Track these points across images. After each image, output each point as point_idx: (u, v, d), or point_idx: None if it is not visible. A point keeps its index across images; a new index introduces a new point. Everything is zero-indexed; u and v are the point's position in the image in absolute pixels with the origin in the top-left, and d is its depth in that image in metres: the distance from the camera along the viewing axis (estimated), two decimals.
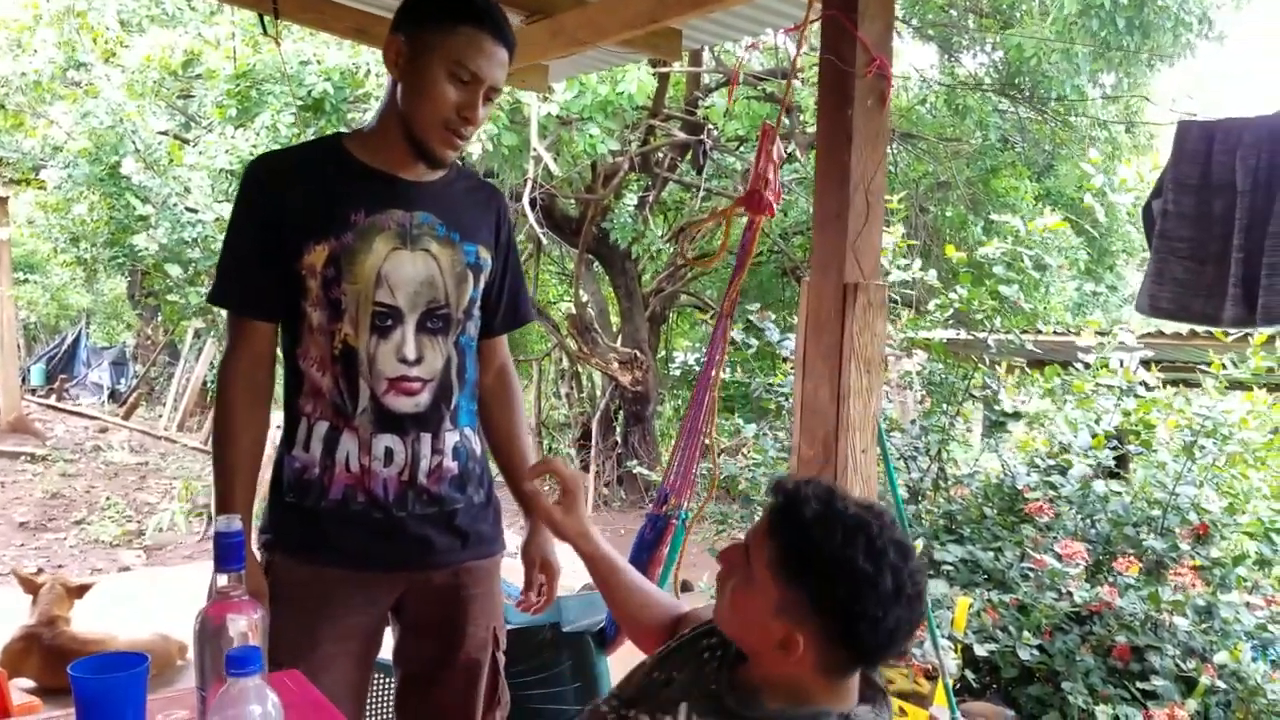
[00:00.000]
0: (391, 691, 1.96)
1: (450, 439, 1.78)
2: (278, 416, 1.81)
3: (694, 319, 13.21)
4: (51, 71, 7.34)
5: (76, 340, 16.20)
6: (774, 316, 4.47)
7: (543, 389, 11.83)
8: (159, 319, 14.10)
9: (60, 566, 6.21)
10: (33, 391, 13.92)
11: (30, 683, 3.52)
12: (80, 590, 3.81)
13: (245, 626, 1.19)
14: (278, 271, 1.69)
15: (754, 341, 4.53)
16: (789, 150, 9.13)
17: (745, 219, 2.42)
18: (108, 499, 8.07)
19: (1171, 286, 2.22)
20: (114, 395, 14.93)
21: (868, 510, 1.25)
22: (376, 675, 1.98)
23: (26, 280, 14.51)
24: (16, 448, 9.50)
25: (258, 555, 1.75)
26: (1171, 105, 10.76)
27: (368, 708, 2.23)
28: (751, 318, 4.46)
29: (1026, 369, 4.66)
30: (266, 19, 4.00)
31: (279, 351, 1.79)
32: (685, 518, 2.29)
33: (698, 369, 5.04)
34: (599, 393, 10.99)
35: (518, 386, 2.00)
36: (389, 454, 1.72)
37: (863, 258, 2.64)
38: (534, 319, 2.71)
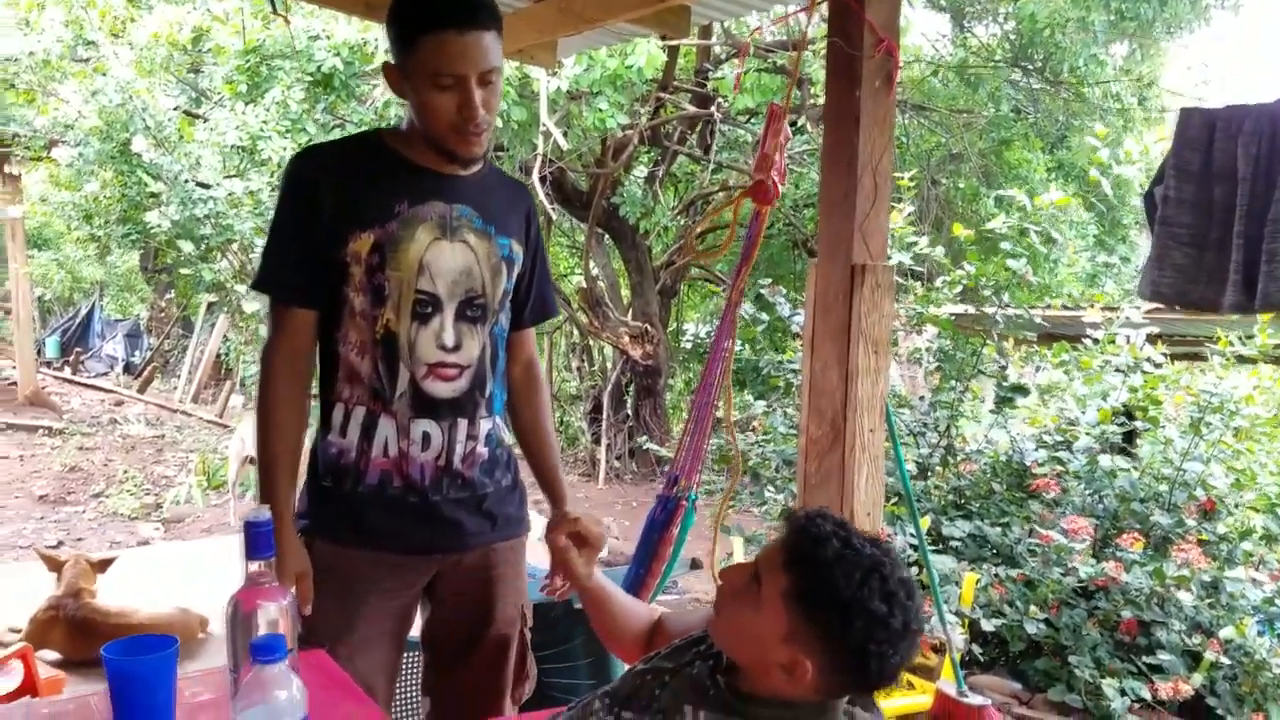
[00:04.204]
0: (418, 669, 2.01)
1: (484, 425, 1.83)
2: None
3: (705, 292, 13.21)
4: (60, 50, 7.34)
5: (90, 313, 16.30)
6: (785, 291, 4.48)
7: (554, 362, 11.86)
8: (172, 293, 14.17)
9: (80, 540, 6.30)
10: (48, 364, 14.04)
11: (56, 655, 3.59)
12: (103, 565, 3.88)
13: (275, 613, 1.24)
14: (319, 259, 1.73)
15: (765, 317, 4.55)
16: (800, 123, 9.10)
17: (753, 209, 2.44)
18: (125, 472, 8.16)
19: (1172, 272, 2.24)
20: (128, 368, 15.04)
21: (879, 549, 1.30)
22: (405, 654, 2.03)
23: (37, 255, 14.59)
24: (34, 421, 9.62)
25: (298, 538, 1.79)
26: (1187, 70, 10.67)
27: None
28: (762, 291, 4.47)
29: (1035, 345, 4.68)
30: None
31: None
32: (694, 499, 2.33)
33: (709, 342, 5.07)
34: (610, 366, 11.01)
35: (543, 378, 2.06)
36: (426, 439, 1.77)
37: (870, 239, 2.66)
38: (557, 313, 2.76)
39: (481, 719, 1.86)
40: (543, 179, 7.89)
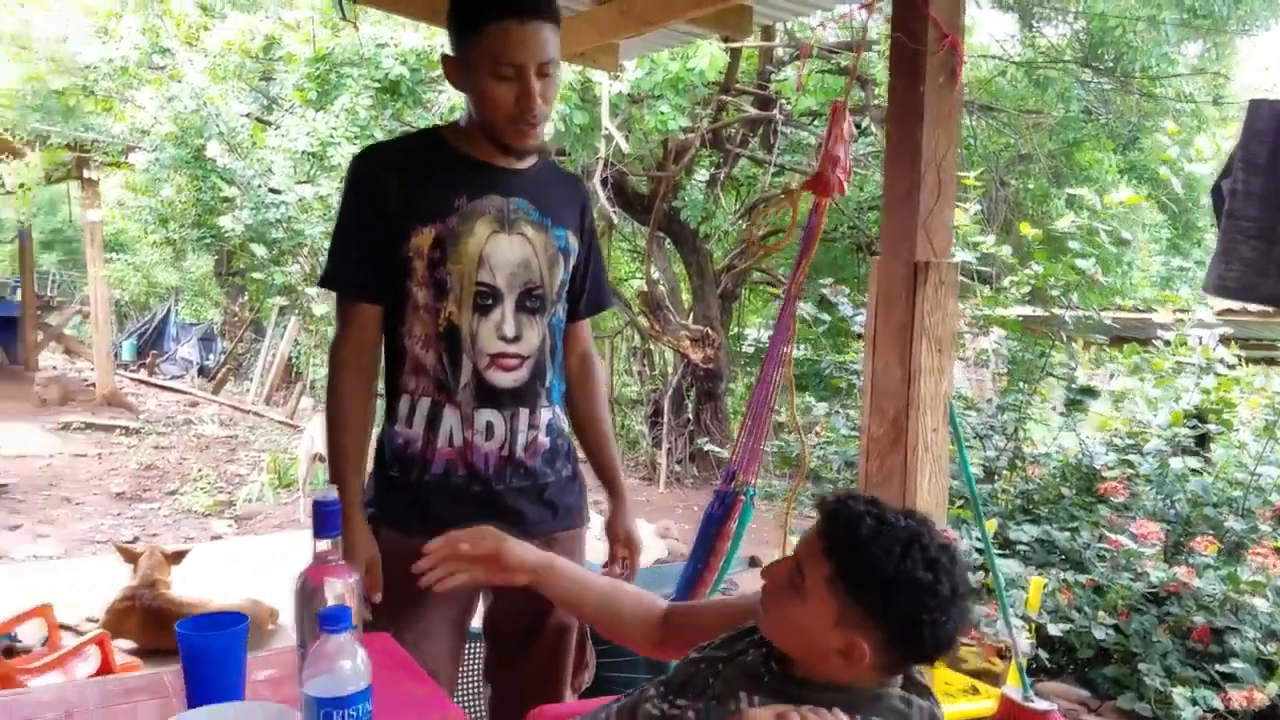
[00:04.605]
0: (480, 658, 2.04)
1: (545, 415, 1.87)
2: None
3: (767, 296, 13.15)
4: (137, 57, 7.56)
5: (165, 317, 16.74)
6: (847, 291, 4.45)
7: (615, 366, 11.90)
8: (245, 296, 14.49)
9: (155, 535, 6.47)
10: (124, 367, 14.43)
11: (131, 643, 3.70)
12: (178, 556, 3.99)
13: (341, 589, 1.27)
14: (384, 255, 1.77)
15: (826, 317, 4.52)
16: (864, 124, 9.03)
17: (812, 201, 2.43)
18: (199, 470, 8.36)
19: (1240, 266, 2.18)
20: (202, 370, 15.42)
21: (915, 519, 1.31)
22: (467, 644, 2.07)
23: (117, 259, 15.02)
24: (112, 420, 9.91)
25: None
26: (1265, 70, 10.40)
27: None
28: (824, 292, 4.45)
29: (1105, 348, 4.59)
30: (344, 2, 4.10)
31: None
32: (752, 494, 2.33)
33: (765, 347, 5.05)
34: (670, 370, 11.01)
35: (600, 370, 2.08)
36: (489, 428, 1.80)
37: (934, 236, 2.64)
38: (613, 305, 2.79)
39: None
40: (603, 182, 7.93)
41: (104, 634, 2.96)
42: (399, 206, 1.75)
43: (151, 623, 3.69)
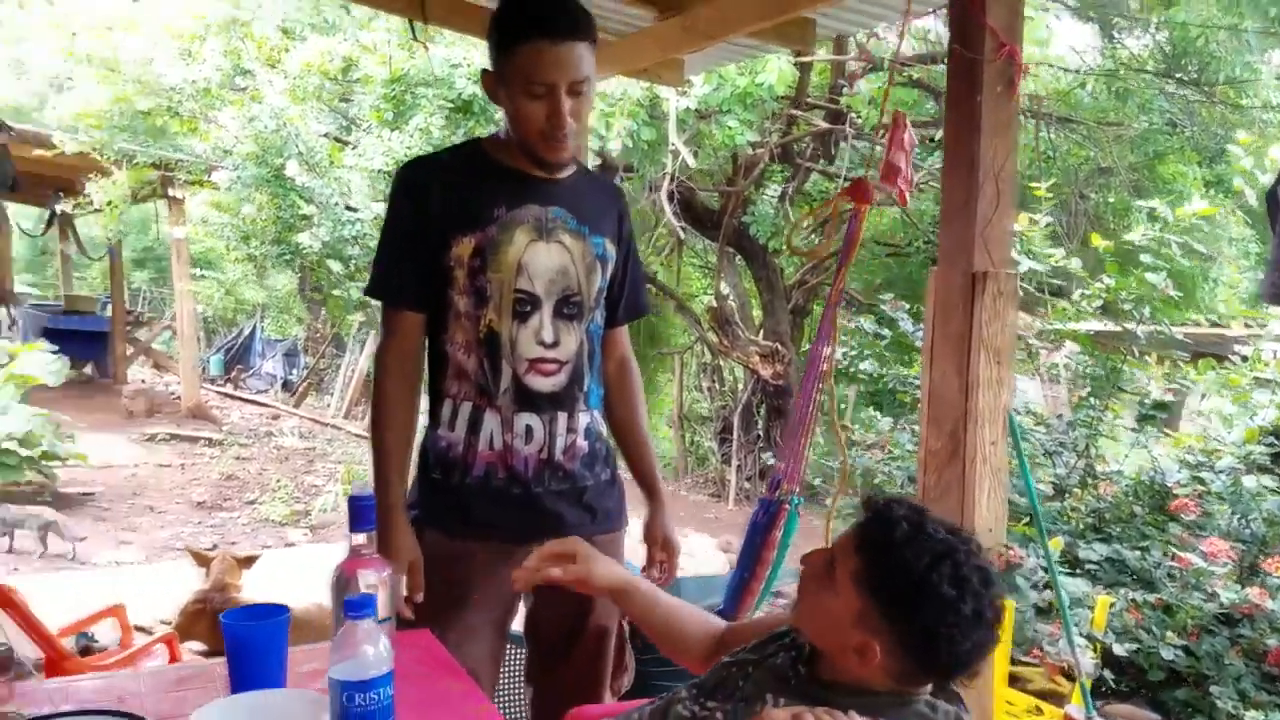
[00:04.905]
0: (520, 661, 2.08)
1: (583, 419, 1.91)
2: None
3: (840, 312, 13.03)
4: (219, 79, 7.83)
5: (252, 333, 17.22)
6: (908, 306, 4.41)
7: (684, 382, 11.91)
8: (325, 312, 14.85)
9: (232, 543, 6.65)
10: (212, 381, 14.87)
11: (201, 645, 3.81)
12: (248, 561, 4.11)
13: (374, 580, 1.32)
14: (427, 264, 1.83)
15: (887, 332, 4.48)
16: (936, 137, 8.93)
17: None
18: (278, 481, 8.57)
19: None
20: (286, 385, 15.81)
21: (955, 535, 1.31)
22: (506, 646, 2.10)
23: (205, 276, 15.53)
24: (195, 432, 10.21)
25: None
26: None
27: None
28: (884, 307, 4.41)
29: (1180, 364, 4.47)
30: (416, 24, 4.21)
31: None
32: (797, 503, 2.33)
33: (841, 362, 5.03)
34: (740, 386, 10.99)
35: (638, 375, 2.11)
36: (529, 432, 1.85)
37: (993, 246, 2.61)
38: (650, 311, 2.82)
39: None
40: (670, 196, 7.97)
41: (172, 634, 3.06)
42: (441, 217, 1.81)
43: (221, 626, 3.78)
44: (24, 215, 12.30)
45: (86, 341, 12.69)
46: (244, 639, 1.37)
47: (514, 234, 1.81)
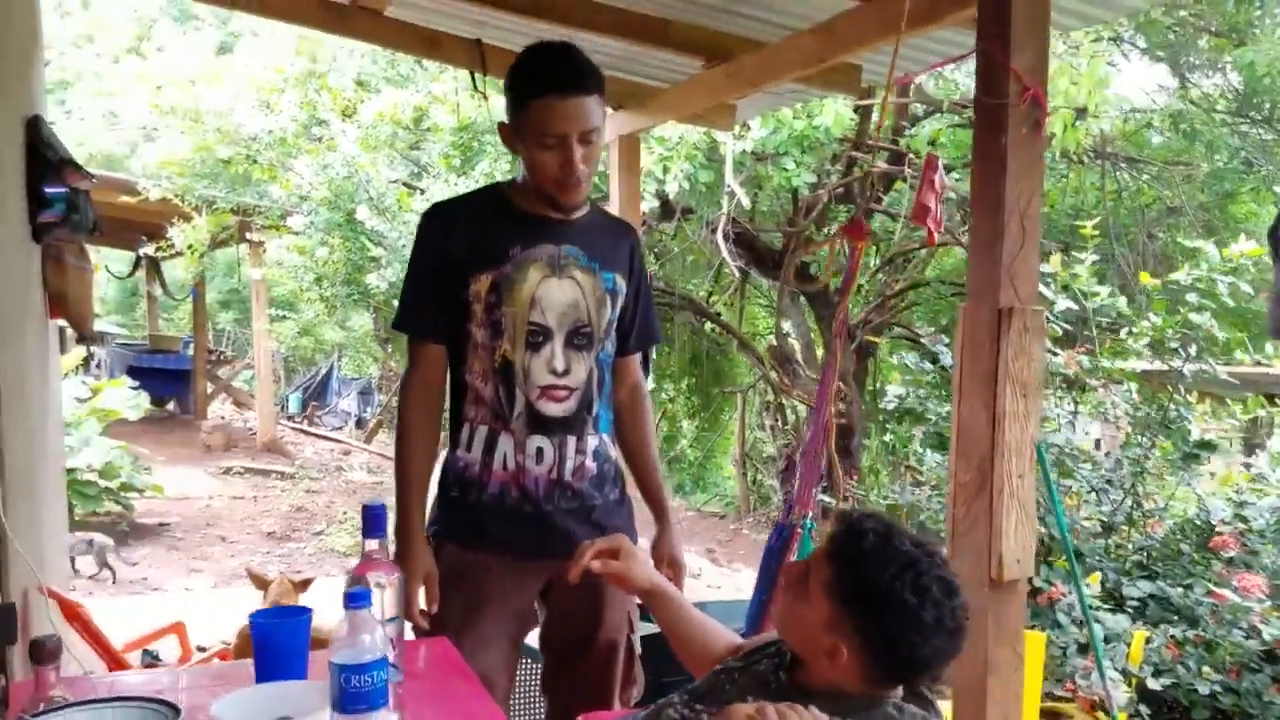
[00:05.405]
0: (536, 674, 2.19)
1: (591, 442, 2.02)
2: None
3: (905, 350, 12.96)
4: (295, 129, 8.19)
5: (329, 372, 17.73)
6: (946, 340, 4.43)
7: (747, 420, 11.95)
8: (392, 350, 15.22)
9: (298, 572, 6.86)
10: (290, 418, 15.32)
11: None
12: (304, 585, 4.26)
13: (382, 580, 1.44)
14: (449, 300, 1.97)
15: (929, 365, 4.52)
16: None
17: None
18: (344, 513, 8.82)
19: None
20: (360, 422, 16.21)
21: (919, 548, 1.40)
22: (523, 660, 2.20)
23: (285, 318, 16.04)
24: (268, 465, 10.55)
25: (429, 544, 2.01)
26: None
27: (515, 689, 2.46)
28: (923, 340, 4.45)
29: (1228, 401, 4.43)
30: (477, 76, 4.41)
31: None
32: (810, 527, 2.40)
33: (909, 401, 5.05)
34: (803, 425, 10.99)
35: (648, 402, 2.23)
36: (540, 453, 1.97)
37: (1019, 283, 2.66)
38: (662, 340, 2.94)
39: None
40: (726, 236, 8.09)
41: (226, 649, 3.21)
42: (462, 256, 1.95)
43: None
44: (115, 259, 12.88)
45: (169, 379, 13.20)
46: (268, 634, 1.50)
47: (528, 271, 1.94)
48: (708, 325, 11.61)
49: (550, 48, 1.94)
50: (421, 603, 1.93)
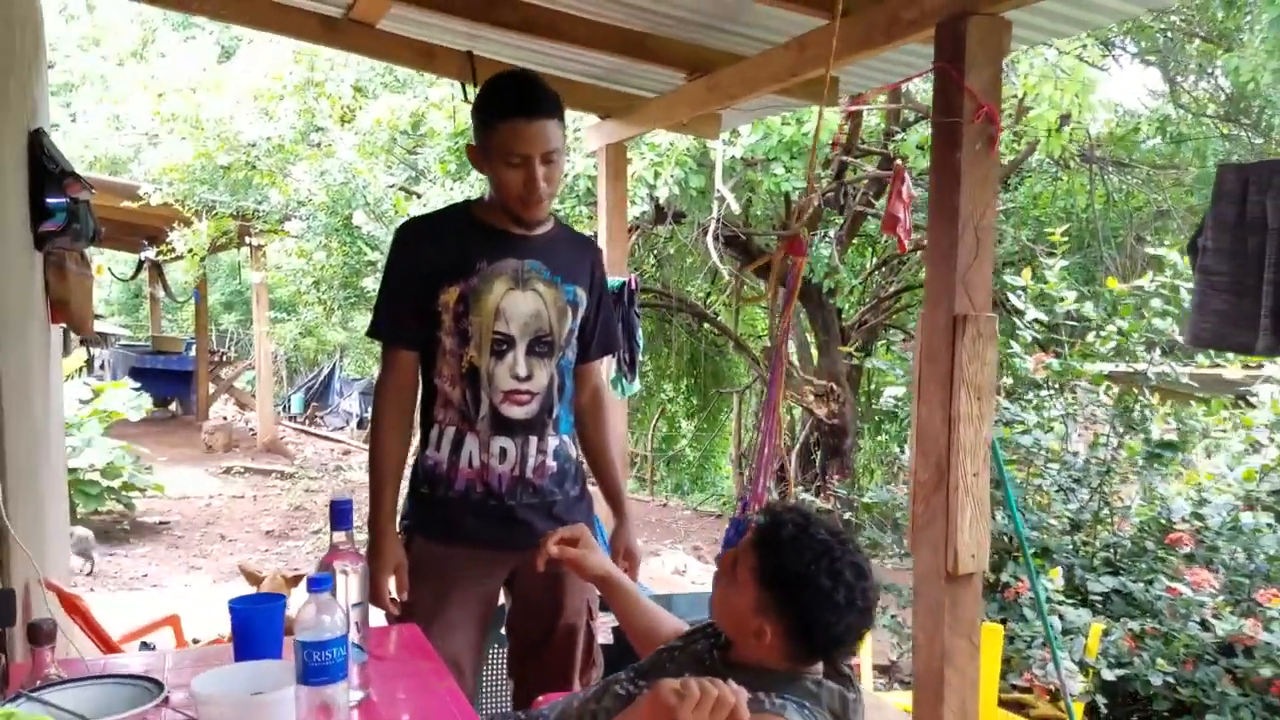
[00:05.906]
0: (503, 659, 2.34)
1: (552, 442, 2.17)
2: None
3: (898, 352, 13.08)
4: (293, 136, 8.34)
5: (331, 372, 17.89)
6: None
7: (743, 421, 12.08)
8: None
9: (296, 570, 7.00)
10: (292, 418, 15.48)
11: None
12: (296, 580, 4.39)
13: (347, 568, 1.58)
14: (420, 310, 2.12)
15: (900, 371, 4.65)
16: None
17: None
18: None
19: (1212, 318, 2.30)
20: (361, 422, 16.34)
21: (834, 536, 1.56)
22: (492, 646, 2.35)
23: (286, 319, 16.20)
24: (268, 465, 10.70)
25: (401, 537, 2.17)
26: None
27: (484, 672, 2.61)
28: (894, 348, 4.58)
29: (1192, 402, 4.56)
30: (467, 86, 4.55)
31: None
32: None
33: (906, 404, 5.15)
34: (798, 426, 11.11)
35: (608, 404, 2.38)
36: (503, 452, 2.12)
37: (973, 291, 2.79)
38: (620, 348, 3.09)
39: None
40: (717, 238, 8.22)
41: (219, 639, 3.35)
42: (431, 268, 2.10)
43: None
44: (121, 261, 13.04)
45: (172, 380, 13.37)
46: (246, 619, 1.64)
47: (494, 283, 2.09)
48: (705, 326, 11.75)
49: (515, 76, 2.10)
50: (392, 591, 2.08)
